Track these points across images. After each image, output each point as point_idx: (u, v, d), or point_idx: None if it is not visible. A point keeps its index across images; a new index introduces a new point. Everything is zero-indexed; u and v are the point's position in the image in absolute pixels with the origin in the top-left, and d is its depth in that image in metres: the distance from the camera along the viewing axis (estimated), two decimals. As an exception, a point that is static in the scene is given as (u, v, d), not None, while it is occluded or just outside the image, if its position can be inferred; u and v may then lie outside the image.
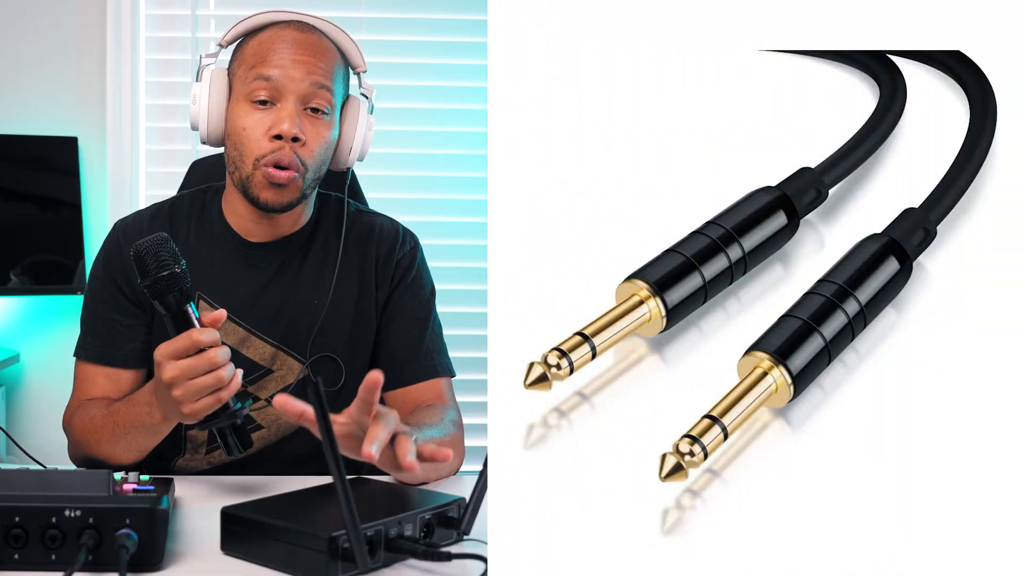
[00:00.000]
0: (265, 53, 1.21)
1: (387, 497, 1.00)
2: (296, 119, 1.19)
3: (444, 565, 0.88)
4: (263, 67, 1.20)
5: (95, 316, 1.27)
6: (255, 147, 1.20)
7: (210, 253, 1.28)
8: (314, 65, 1.21)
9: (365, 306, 1.30)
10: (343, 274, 1.29)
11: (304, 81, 1.20)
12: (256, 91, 1.20)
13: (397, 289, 1.31)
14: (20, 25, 2.38)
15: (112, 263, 1.28)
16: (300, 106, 1.20)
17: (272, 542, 0.88)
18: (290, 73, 1.20)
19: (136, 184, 2.39)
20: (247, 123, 1.20)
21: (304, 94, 1.20)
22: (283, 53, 1.20)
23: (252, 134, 1.20)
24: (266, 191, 1.21)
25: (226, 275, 1.27)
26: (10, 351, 2.29)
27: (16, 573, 0.84)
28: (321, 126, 1.22)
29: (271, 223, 1.27)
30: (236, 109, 1.22)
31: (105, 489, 0.86)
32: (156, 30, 2.42)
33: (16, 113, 2.37)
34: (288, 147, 1.19)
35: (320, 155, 1.23)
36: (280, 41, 1.22)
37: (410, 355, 1.30)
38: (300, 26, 1.24)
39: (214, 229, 1.29)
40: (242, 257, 1.28)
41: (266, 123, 1.20)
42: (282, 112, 1.19)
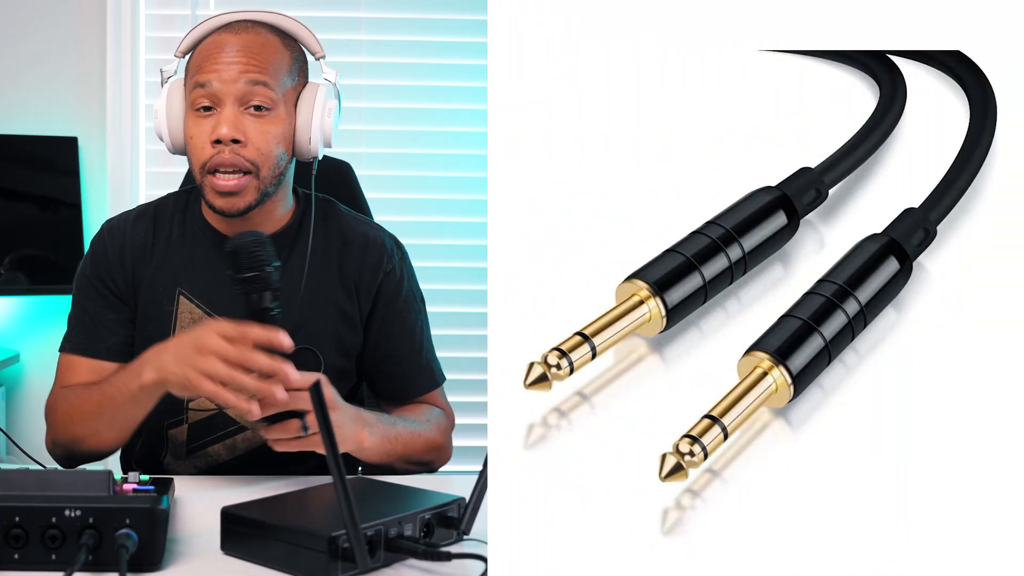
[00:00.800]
0: (201, 61, 1.22)
1: (387, 497, 1.00)
2: (234, 121, 1.20)
3: (444, 565, 0.88)
4: (200, 74, 1.21)
5: (82, 311, 1.29)
6: (200, 154, 1.21)
7: (192, 252, 1.29)
8: (247, 64, 1.21)
9: (349, 309, 1.30)
10: (321, 270, 1.29)
11: (239, 81, 1.20)
12: (197, 99, 1.21)
13: (389, 306, 1.32)
14: (20, 25, 2.37)
15: (98, 260, 1.29)
16: (239, 107, 1.21)
17: (272, 542, 0.88)
18: (223, 76, 1.20)
19: (136, 184, 2.39)
20: (193, 132, 1.22)
21: (241, 94, 1.20)
22: (218, 58, 1.21)
23: (197, 141, 1.21)
24: (218, 199, 1.22)
25: (209, 274, 1.28)
26: (10, 351, 2.29)
27: (16, 573, 0.84)
28: (266, 123, 1.22)
29: (244, 225, 1.26)
30: (188, 119, 1.23)
31: (105, 489, 0.86)
32: (156, 30, 2.41)
33: (16, 113, 2.37)
34: (227, 150, 1.20)
35: (273, 151, 1.22)
36: (216, 46, 1.23)
37: (412, 371, 1.34)
38: (235, 27, 1.24)
39: (195, 228, 1.30)
40: (222, 256, 1.28)
41: (207, 129, 1.21)
42: (220, 116, 1.20)
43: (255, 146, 1.21)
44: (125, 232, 1.29)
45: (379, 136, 2.40)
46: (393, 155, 2.41)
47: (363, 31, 2.42)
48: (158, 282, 1.27)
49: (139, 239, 1.29)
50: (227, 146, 1.19)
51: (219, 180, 1.20)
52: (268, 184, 1.23)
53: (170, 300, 1.27)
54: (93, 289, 1.29)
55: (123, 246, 1.29)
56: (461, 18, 2.43)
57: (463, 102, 2.44)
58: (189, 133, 1.22)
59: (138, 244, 1.29)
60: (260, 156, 1.21)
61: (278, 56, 1.24)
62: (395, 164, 2.41)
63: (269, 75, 1.22)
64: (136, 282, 1.27)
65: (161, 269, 1.28)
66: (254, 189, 1.22)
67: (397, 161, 2.42)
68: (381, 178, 2.34)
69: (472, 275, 2.38)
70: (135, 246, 1.29)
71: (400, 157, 2.42)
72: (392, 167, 2.40)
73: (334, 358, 1.29)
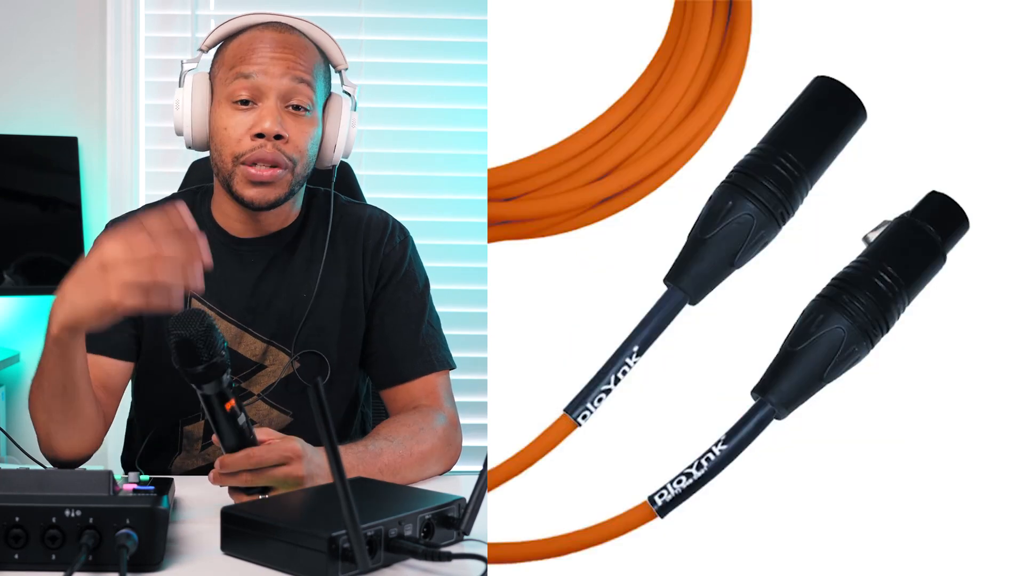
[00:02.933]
0: (245, 53, 1.22)
1: (387, 497, 0.99)
2: (278, 117, 1.20)
3: (444, 565, 0.88)
4: (243, 66, 1.21)
5: None
6: (235, 146, 1.21)
7: None
8: (293, 62, 1.22)
9: (353, 300, 1.30)
10: (330, 268, 1.29)
11: (284, 78, 1.21)
12: (237, 91, 1.21)
13: (388, 285, 1.31)
14: (20, 25, 2.38)
15: None
16: (281, 104, 1.21)
17: (272, 542, 0.88)
18: (269, 70, 1.20)
19: (136, 184, 2.39)
20: (228, 123, 1.21)
21: (285, 91, 1.21)
22: (262, 52, 1.21)
23: (233, 133, 1.21)
24: (249, 189, 1.21)
25: (218, 274, 1.27)
26: (10, 351, 2.29)
27: (16, 573, 0.84)
28: (304, 123, 1.23)
29: (258, 221, 1.27)
30: (218, 111, 1.23)
31: (105, 489, 0.86)
32: (156, 30, 2.41)
33: (16, 113, 2.37)
34: (270, 145, 1.20)
35: (309, 150, 1.24)
36: (259, 41, 1.23)
37: (407, 352, 1.30)
38: (279, 26, 1.25)
39: (204, 229, 1.29)
40: (232, 255, 1.28)
41: (247, 122, 1.20)
42: (263, 111, 1.20)
43: (295, 144, 1.22)
44: None
45: (378, 136, 2.40)
46: (393, 155, 2.41)
47: (363, 31, 2.42)
48: None
49: None
50: (270, 141, 1.20)
51: (255, 169, 1.20)
52: (297, 182, 1.24)
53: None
54: None
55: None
56: (461, 18, 2.43)
57: (463, 102, 2.44)
58: (222, 124, 1.21)
59: None
60: (298, 154, 1.22)
61: (316, 61, 1.25)
62: (395, 164, 2.41)
63: (311, 77, 1.23)
64: None
65: None
66: (286, 184, 1.23)
67: (397, 161, 2.42)
68: (381, 178, 2.34)
69: (472, 275, 2.38)
70: None
71: (400, 157, 2.42)
72: (392, 167, 2.40)
73: (338, 351, 1.29)
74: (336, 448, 0.76)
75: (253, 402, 1.27)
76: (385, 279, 1.31)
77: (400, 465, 1.15)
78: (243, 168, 1.20)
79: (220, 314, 1.26)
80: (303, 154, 1.23)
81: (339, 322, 1.29)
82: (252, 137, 1.20)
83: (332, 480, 0.75)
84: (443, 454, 1.23)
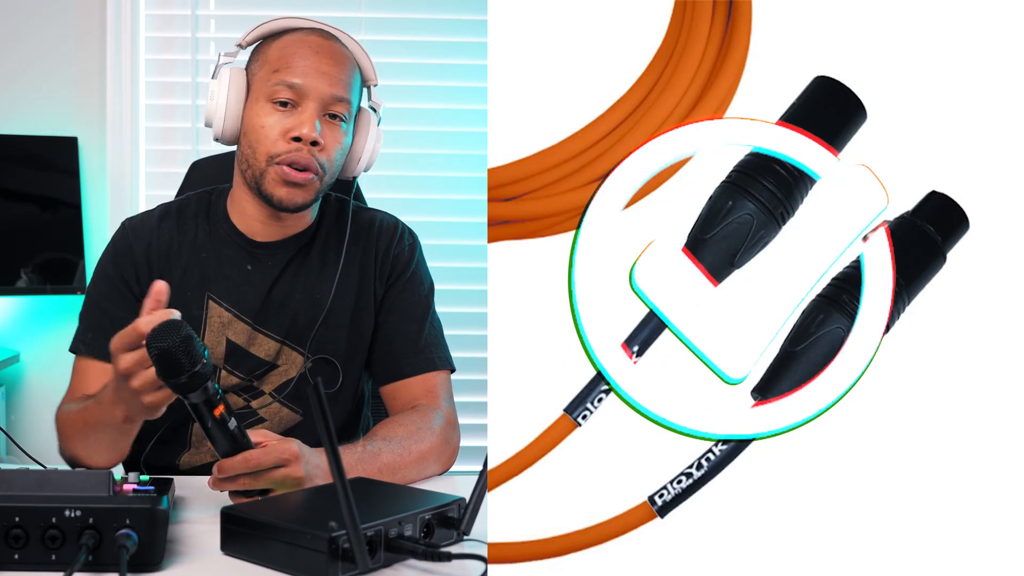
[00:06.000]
0: (289, 58, 1.24)
1: (387, 497, 1.00)
2: (316, 123, 1.22)
3: (444, 565, 0.88)
4: (287, 73, 1.23)
5: (99, 311, 1.28)
6: (271, 145, 1.22)
7: (219, 252, 1.30)
8: (336, 76, 1.24)
9: (364, 300, 1.32)
10: (345, 269, 1.31)
11: (327, 86, 1.23)
12: (278, 93, 1.23)
13: (396, 284, 1.33)
14: (19, 25, 2.38)
15: (122, 259, 1.29)
16: (320, 111, 1.23)
17: (272, 542, 0.88)
18: (314, 82, 1.23)
19: (136, 184, 2.40)
20: (266, 122, 1.23)
21: (326, 99, 1.23)
22: (308, 59, 1.23)
23: (269, 132, 1.22)
24: (280, 188, 1.23)
25: (234, 275, 1.28)
26: (10, 351, 2.29)
27: (16, 573, 0.84)
28: (339, 132, 1.25)
29: (279, 223, 1.29)
30: (255, 108, 1.24)
31: (105, 489, 0.86)
32: (156, 30, 2.42)
33: (16, 113, 2.37)
34: (306, 149, 1.22)
35: (337, 159, 1.26)
36: (305, 46, 1.25)
37: (408, 349, 1.32)
38: (323, 33, 1.28)
39: (220, 230, 1.30)
40: (249, 257, 1.29)
41: (286, 124, 1.22)
42: (303, 115, 1.22)
43: (328, 152, 1.24)
44: (151, 232, 1.30)
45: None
46: (393, 155, 2.41)
47: (363, 31, 2.42)
48: (186, 286, 1.28)
49: (165, 240, 1.29)
50: (306, 146, 1.22)
51: (290, 171, 1.22)
52: (323, 190, 1.27)
53: (199, 305, 1.27)
54: (114, 289, 1.28)
55: (150, 246, 1.29)
56: (461, 18, 2.44)
57: (463, 102, 2.44)
58: (259, 122, 1.23)
59: (164, 245, 1.29)
60: (330, 161, 1.25)
61: (354, 75, 1.28)
62: (395, 164, 2.41)
63: (349, 92, 1.26)
64: None
65: (189, 272, 1.28)
66: (314, 189, 1.25)
67: (397, 161, 2.42)
68: (381, 178, 2.34)
69: (472, 275, 2.38)
70: (161, 247, 1.29)
71: (400, 157, 2.43)
72: (392, 167, 2.41)
73: (347, 350, 1.31)
74: (336, 448, 0.76)
75: (268, 403, 1.28)
76: (393, 278, 1.33)
77: (399, 465, 1.16)
78: (278, 168, 1.22)
79: (235, 315, 1.27)
80: (332, 162, 1.25)
81: (350, 322, 1.31)
82: (289, 140, 1.22)
83: (331, 480, 0.75)
84: (441, 453, 1.24)
